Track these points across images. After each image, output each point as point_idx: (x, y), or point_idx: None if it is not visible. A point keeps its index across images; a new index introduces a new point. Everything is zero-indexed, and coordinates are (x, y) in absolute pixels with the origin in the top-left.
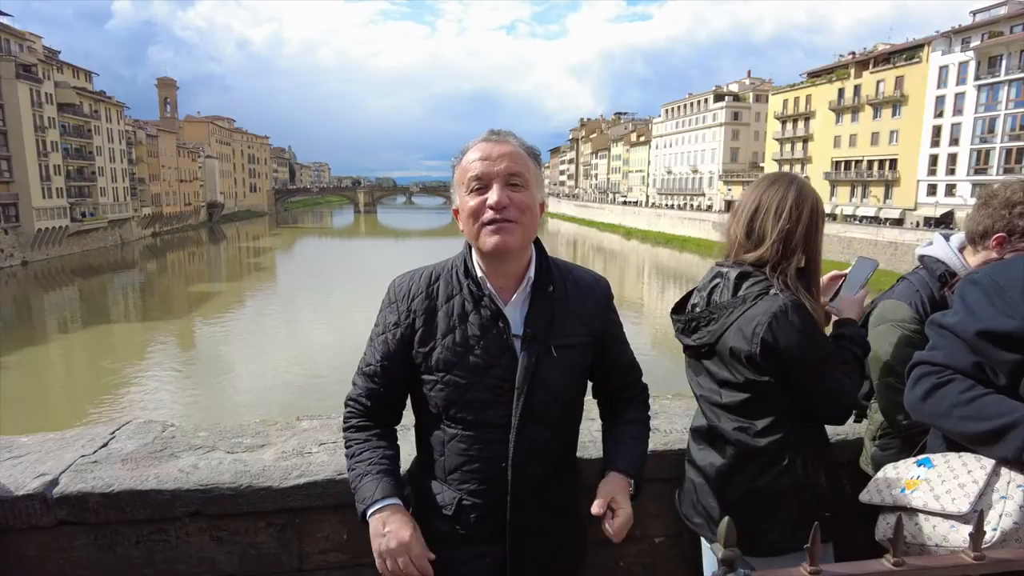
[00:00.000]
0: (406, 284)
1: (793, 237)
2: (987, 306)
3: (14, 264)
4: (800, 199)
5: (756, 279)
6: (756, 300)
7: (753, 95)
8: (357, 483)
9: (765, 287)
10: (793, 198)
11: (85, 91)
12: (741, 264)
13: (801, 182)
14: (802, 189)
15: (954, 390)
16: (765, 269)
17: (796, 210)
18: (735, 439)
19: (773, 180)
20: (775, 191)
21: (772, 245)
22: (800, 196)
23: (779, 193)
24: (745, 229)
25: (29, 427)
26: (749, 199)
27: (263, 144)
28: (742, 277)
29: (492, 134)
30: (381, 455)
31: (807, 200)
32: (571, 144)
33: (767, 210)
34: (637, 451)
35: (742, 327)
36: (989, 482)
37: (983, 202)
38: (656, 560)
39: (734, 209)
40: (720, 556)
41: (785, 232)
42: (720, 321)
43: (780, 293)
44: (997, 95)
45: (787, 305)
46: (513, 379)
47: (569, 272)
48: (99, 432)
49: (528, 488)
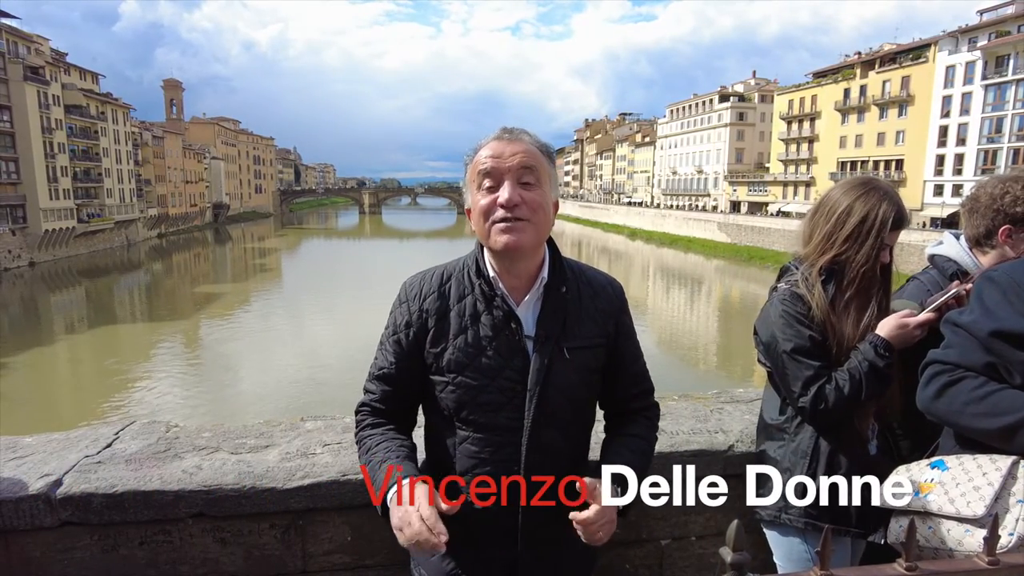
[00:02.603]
0: (417, 284)
1: (832, 237)
2: (1004, 305)
3: (21, 265)
4: (854, 205)
5: (789, 274)
6: (773, 292)
7: (758, 95)
8: (375, 473)
9: (787, 280)
10: (848, 203)
11: (92, 93)
12: (798, 259)
13: (871, 188)
14: (866, 195)
15: (966, 387)
16: (802, 264)
17: (845, 214)
18: (762, 422)
19: (846, 183)
20: (838, 193)
21: (815, 244)
22: (855, 204)
23: (839, 196)
24: (805, 226)
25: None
26: (819, 199)
27: (268, 145)
28: (783, 271)
29: (505, 132)
30: (399, 444)
31: (863, 206)
32: (576, 145)
33: (822, 211)
34: (633, 464)
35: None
36: (1005, 485)
37: (970, 208)
38: (662, 562)
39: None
40: (729, 560)
41: (826, 233)
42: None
43: (786, 285)
44: (1004, 95)
45: (777, 297)
46: (525, 381)
47: (582, 273)
48: (103, 433)
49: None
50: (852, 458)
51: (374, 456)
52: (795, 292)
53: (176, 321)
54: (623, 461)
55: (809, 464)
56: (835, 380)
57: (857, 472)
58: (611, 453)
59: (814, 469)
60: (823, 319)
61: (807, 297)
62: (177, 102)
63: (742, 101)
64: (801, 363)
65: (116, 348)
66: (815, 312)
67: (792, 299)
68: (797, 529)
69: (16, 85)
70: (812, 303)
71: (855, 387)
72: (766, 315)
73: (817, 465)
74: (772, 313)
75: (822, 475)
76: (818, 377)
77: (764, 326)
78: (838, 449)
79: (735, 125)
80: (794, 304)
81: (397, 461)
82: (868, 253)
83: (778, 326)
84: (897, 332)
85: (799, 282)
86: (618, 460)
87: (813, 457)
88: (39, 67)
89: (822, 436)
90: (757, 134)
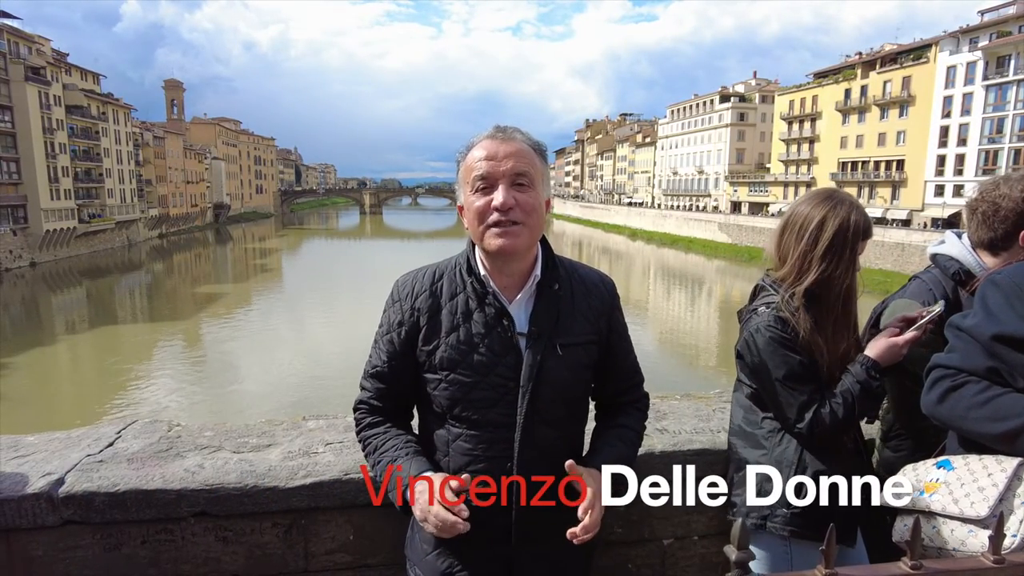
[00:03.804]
0: (409, 283)
1: (809, 256)
2: (1007, 309)
3: (22, 265)
4: (826, 220)
5: (766, 293)
6: (751, 314)
7: (759, 96)
8: (390, 472)
9: (765, 301)
10: (819, 218)
11: (93, 93)
12: (770, 277)
13: (837, 201)
14: (834, 208)
15: (969, 392)
16: (781, 285)
17: (817, 231)
18: (738, 427)
19: (810, 197)
20: (806, 208)
21: (792, 264)
22: (827, 217)
23: (808, 212)
24: (774, 244)
25: (35, 426)
26: (785, 215)
27: (269, 145)
28: (757, 290)
29: (498, 131)
30: (405, 440)
31: (834, 221)
32: (576, 145)
33: (792, 228)
34: (622, 454)
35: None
36: (1010, 486)
37: (985, 211)
38: (664, 562)
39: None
40: (734, 559)
41: (802, 252)
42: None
43: (768, 308)
44: (1005, 95)
45: (762, 322)
46: (518, 378)
47: (575, 270)
48: (105, 432)
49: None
50: (835, 462)
51: (383, 456)
52: (780, 316)
53: (177, 321)
54: (615, 454)
55: (794, 472)
56: (829, 404)
57: (839, 473)
58: (603, 445)
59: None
60: (810, 341)
61: (792, 321)
62: (178, 102)
63: (743, 101)
64: (794, 390)
65: (117, 348)
66: (802, 336)
67: (778, 324)
68: (781, 537)
69: (17, 85)
70: (799, 328)
71: (849, 409)
72: (751, 340)
73: (804, 473)
74: (758, 340)
75: (809, 480)
76: (812, 402)
77: (751, 352)
78: (823, 457)
79: (736, 125)
80: (781, 329)
81: (407, 459)
82: (846, 267)
83: (767, 353)
84: (886, 352)
85: (781, 305)
86: (610, 453)
87: (799, 466)
88: (40, 67)
89: (810, 451)
90: (758, 134)
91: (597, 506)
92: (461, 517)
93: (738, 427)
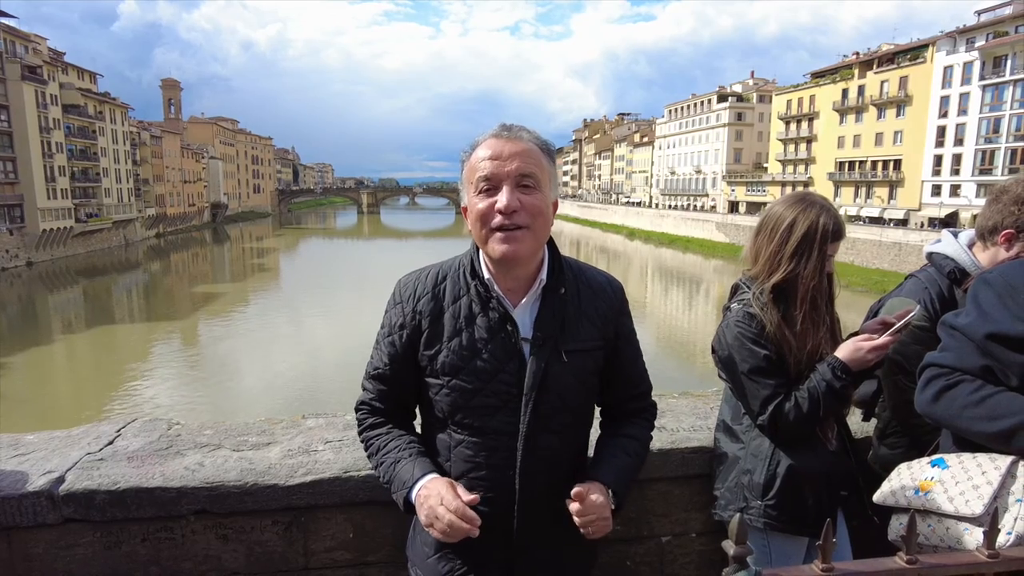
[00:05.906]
0: (412, 284)
1: (779, 255)
2: (999, 308)
3: (19, 265)
4: (796, 221)
5: (741, 292)
6: (727, 311)
7: (757, 95)
8: (391, 472)
9: (739, 299)
10: (789, 220)
11: (90, 92)
12: (746, 276)
13: (809, 204)
14: (804, 211)
15: (963, 391)
16: (754, 282)
17: (788, 231)
18: (723, 422)
19: (785, 199)
20: (779, 209)
21: (763, 262)
22: (798, 218)
23: (781, 212)
24: (750, 244)
25: (35, 426)
26: (761, 216)
27: (267, 145)
28: (735, 289)
29: (504, 129)
30: (408, 441)
31: (804, 222)
32: (574, 145)
33: (765, 229)
34: (625, 465)
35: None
36: (1004, 484)
37: (994, 198)
38: (663, 559)
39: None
40: (732, 553)
41: (772, 251)
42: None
43: (740, 305)
44: (1002, 95)
45: (732, 318)
46: (521, 384)
47: (582, 273)
48: (105, 430)
49: (536, 496)
50: (812, 457)
51: (387, 456)
52: (749, 312)
53: (175, 320)
54: (615, 467)
55: (768, 465)
56: (794, 398)
57: (817, 469)
58: (606, 455)
59: (774, 470)
60: (778, 337)
61: (760, 316)
62: (175, 102)
63: (740, 101)
64: (758, 383)
65: (115, 347)
66: (769, 331)
67: (746, 319)
68: (758, 529)
69: (14, 84)
70: (766, 322)
71: (813, 406)
72: (722, 335)
73: (777, 466)
74: (728, 334)
75: (782, 474)
76: (775, 396)
77: (721, 346)
78: (796, 452)
79: (733, 125)
80: (749, 324)
81: (411, 460)
82: (815, 266)
83: (735, 347)
84: (855, 355)
85: (751, 301)
86: (611, 466)
87: (773, 458)
88: (37, 66)
89: (779, 445)
90: (755, 134)
91: (600, 515)
92: (474, 525)
93: (723, 422)
